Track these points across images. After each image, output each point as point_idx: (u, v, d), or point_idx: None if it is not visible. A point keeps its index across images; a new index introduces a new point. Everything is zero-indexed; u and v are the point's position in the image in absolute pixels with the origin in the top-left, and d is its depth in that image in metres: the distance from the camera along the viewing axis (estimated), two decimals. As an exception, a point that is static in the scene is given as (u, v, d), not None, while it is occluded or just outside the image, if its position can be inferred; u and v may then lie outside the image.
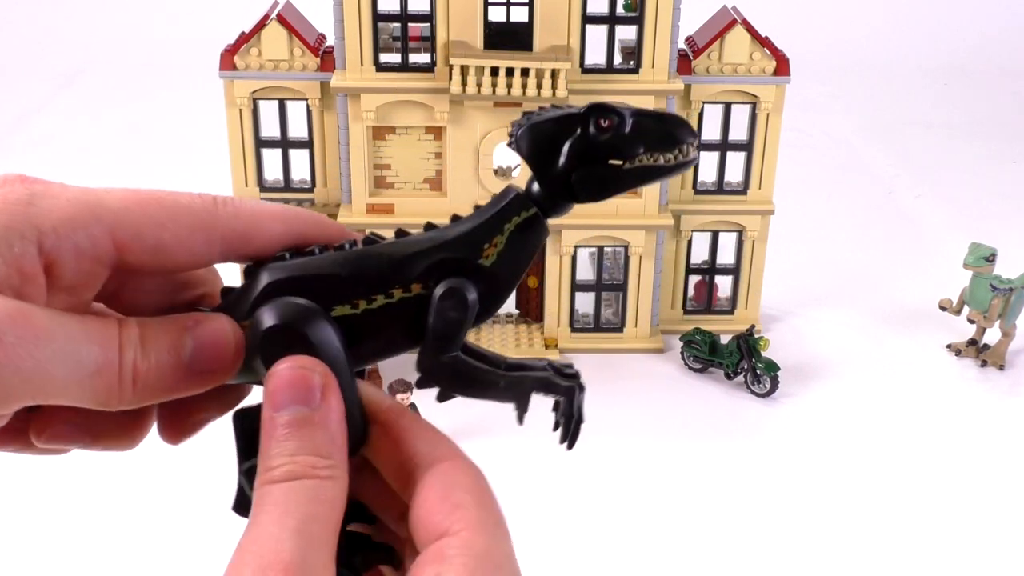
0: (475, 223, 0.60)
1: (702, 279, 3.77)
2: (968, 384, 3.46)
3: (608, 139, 0.58)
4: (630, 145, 0.58)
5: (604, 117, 0.57)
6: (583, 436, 0.61)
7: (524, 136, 0.59)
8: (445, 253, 0.59)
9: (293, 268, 0.59)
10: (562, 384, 0.62)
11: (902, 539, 2.76)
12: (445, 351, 0.58)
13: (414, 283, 0.58)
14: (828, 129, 5.64)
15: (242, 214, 0.60)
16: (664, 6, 3.19)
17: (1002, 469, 3.04)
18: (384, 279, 0.58)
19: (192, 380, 0.56)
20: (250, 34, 3.35)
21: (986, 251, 3.50)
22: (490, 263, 0.59)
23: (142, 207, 0.56)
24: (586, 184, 0.58)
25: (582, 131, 0.58)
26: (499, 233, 0.59)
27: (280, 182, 3.57)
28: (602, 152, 0.58)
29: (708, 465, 3.03)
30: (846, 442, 3.14)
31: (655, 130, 0.58)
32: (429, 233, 0.61)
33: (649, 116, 0.58)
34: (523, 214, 0.59)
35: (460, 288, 0.58)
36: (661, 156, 0.58)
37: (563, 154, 0.58)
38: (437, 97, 3.24)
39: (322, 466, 0.53)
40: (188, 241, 0.58)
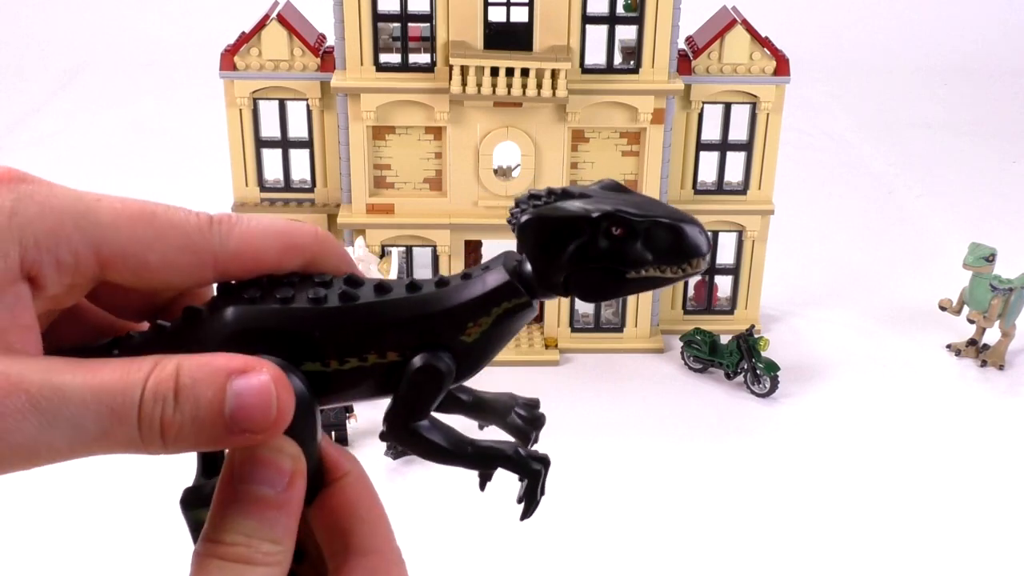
0: (463, 299, 0.57)
1: (702, 279, 3.77)
2: (968, 384, 3.46)
3: (617, 247, 0.55)
4: (639, 256, 0.55)
5: (617, 226, 0.55)
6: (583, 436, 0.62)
7: (529, 225, 0.56)
8: (427, 327, 0.56)
9: (267, 318, 0.56)
10: (531, 467, 0.59)
11: (902, 538, 2.75)
12: (415, 418, 0.56)
13: (390, 351, 0.56)
14: (828, 129, 5.64)
15: (236, 235, 0.56)
16: (664, 6, 3.19)
17: (1002, 469, 3.04)
18: (359, 344, 0.56)
19: (232, 438, 0.52)
20: (250, 34, 3.35)
21: (986, 251, 3.50)
22: (472, 340, 0.57)
23: (131, 225, 0.54)
24: (585, 288, 0.56)
25: (591, 236, 0.55)
26: (486, 315, 0.57)
27: (280, 182, 3.57)
28: (609, 260, 0.55)
29: (708, 465, 3.03)
30: (846, 442, 3.14)
31: (667, 242, 0.55)
32: (413, 298, 0.57)
33: (663, 226, 0.55)
34: (513, 301, 0.57)
35: (437, 364, 0.56)
36: (668, 269, 0.56)
37: (566, 255, 0.55)
38: (437, 97, 3.24)
39: (273, 552, 0.52)
40: (176, 262, 0.55)
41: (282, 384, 0.52)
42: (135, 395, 0.50)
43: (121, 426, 0.50)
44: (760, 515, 2.83)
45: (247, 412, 0.51)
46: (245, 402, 0.51)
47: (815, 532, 2.77)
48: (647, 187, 3.40)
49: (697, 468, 3.02)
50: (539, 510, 0.62)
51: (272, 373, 0.52)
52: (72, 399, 0.49)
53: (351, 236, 3.42)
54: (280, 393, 0.52)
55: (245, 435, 0.51)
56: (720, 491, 2.93)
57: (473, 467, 0.58)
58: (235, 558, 0.51)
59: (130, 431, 0.50)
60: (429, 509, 2.74)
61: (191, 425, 0.50)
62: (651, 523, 2.79)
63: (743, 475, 2.99)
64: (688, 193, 3.59)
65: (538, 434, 0.64)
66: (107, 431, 0.49)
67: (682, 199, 3.58)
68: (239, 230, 0.57)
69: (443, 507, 2.75)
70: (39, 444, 0.48)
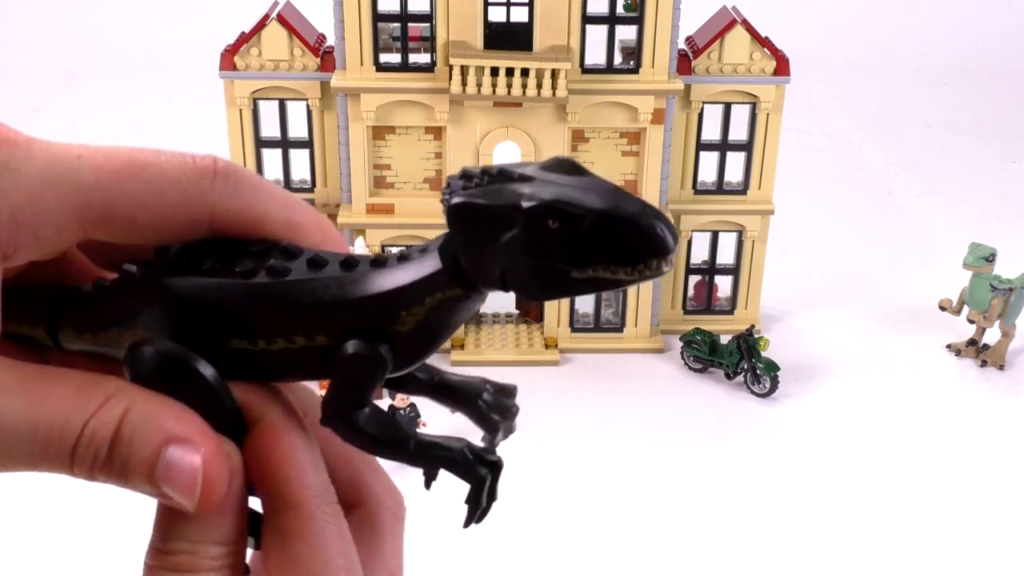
0: (395, 284, 0.51)
1: (702, 279, 3.77)
2: (968, 384, 3.46)
3: (557, 243, 0.47)
4: (583, 253, 0.47)
5: (553, 219, 0.47)
6: (583, 436, 0.60)
7: (455, 213, 0.49)
8: (357, 312, 0.51)
9: (198, 290, 0.52)
10: (476, 472, 0.53)
11: (902, 538, 2.75)
12: (351, 408, 0.51)
13: (319, 335, 0.51)
14: (828, 129, 5.64)
15: (241, 193, 0.52)
16: (664, 6, 3.18)
17: (1002, 469, 3.04)
18: (286, 326, 0.51)
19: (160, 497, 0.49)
20: (250, 34, 3.35)
21: (986, 251, 3.50)
22: (406, 329, 0.51)
23: (117, 182, 0.49)
24: (523, 286, 0.49)
25: (524, 230, 0.47)
26: (418, 304, 0.51)
27: (280, 182, 3.57)
28: (548, 257, 0.47)
29: (708, 465, 3.03)
30: (846, 442, 3.14)
31: (619, 241, 0.47)
32: (343, 278, 0.52)
33: (614, 222, 0.47)
34: (447, 292, 0.51)
35: (369, 353, 0.51)
36: (621, 270, 0.47)
37: (499, 249, 0.48)
38: (437, 97, 3.24)
39: (220, 555, 0.50)
40: (170, 219, 0.51)
41: (214, 465, 0.49)
42: (72, 436, 0.48)
43: (50, 463, 0.48)
44: (760, 515, 2.83)
45: (173, 486, 0.49)
46: (173, 476, 0.48)
47: (815, 532, 2.77)
48: (647, 187, 3.40)
49: (697, 468, 3.02)
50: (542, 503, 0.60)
51: (205, 454, 0.49)
52: (7, 427, 0.47)
53: (351, 236, 3.42)
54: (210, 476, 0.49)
55: (177, 496, 0.49)
56: (720, 491, 2.93)
57: (414, 464, 0.53)
58: (181, 567, 0.50)
59: (58, 466, 0.49)
60: (428, 508, 2.74)
61: (118, 477, 0.49)
62: (651, 523, 2.79)
63: (743, 475, 2.99)
64: (688, 193, 3.59)
65: (510, 426, 0.58)
66: (36, 462, 0.48)
67: (682, 199, 3.58)
68: (245, 188, 0.52)
69: (442, 507, 2.74)
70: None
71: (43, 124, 5.58)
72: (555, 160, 0.51)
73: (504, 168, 0.49)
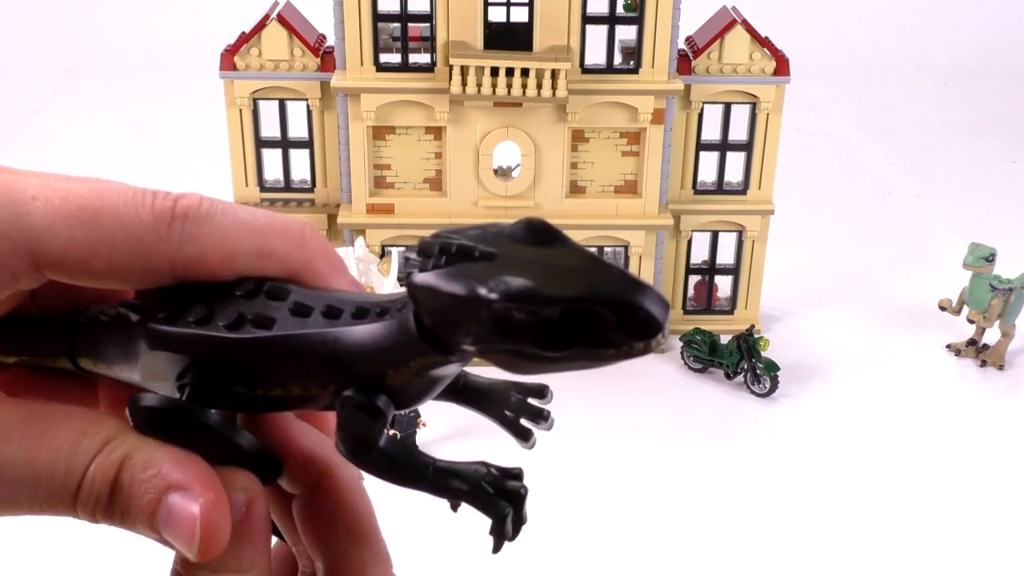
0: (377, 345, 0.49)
1: (702, 279, 3.77)
2: (968, 384, 3.46)
3: (527, 329, 0.44)
4: (557, 340, 0.44)
5: (520, 311, 0.43)
6: (583, 436, 0.60)
7: (418, 293, 0.46)
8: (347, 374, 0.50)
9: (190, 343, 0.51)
10: (496, 508, 0.52)
11: (902, 538, 2.76)
12: (359, 452, 0.50)
13: (314, 388, 0.51)
14: (828, 129, 5.64)
15: (202, 236, 0.50)
16: (664, 6, 3.19)
17: (1001, 469, 3.04)
18: (280, 378, 0.51)
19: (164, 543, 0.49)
20: (250, 34, 3.35)
21: (986, 251, 3.50)
22: (397, 384, 0.50)
23: (69, 228, 0.48)
24: (503, 366, 0.47)
25: (491, 320, 0.44)
26: (404, 366, 0.49)
27: (280, 182, 3.57)
28: (519, 340, 0.44)
29: (708, 465, 3.03)
30: (846, 442, 3.14)
31: (595, 327, 0.44)
32: (326, 334, 0.50)
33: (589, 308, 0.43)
34: (429, 357, 0.48)
35: (365, 401, 0.49)
36: (603, 352, 0.45)
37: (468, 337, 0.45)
38: (437, 97, 3.24)
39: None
40: (125, 267, 0.49)
41: (214, 515, 0.48)
42: (74, 482, 0.48)
43: (54, 508, 0.48)
44: (760, 515, 2.83)
45: (173, 534, 0.48)
46: (173, 524, 0.48)
47: (815, 531, 2.77)
48: (647, 187, 3.40)
49: (697, 468, 3.02)
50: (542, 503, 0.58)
51: (204, 504, 0.48)
52: (9, 474, 0.47)
53: (351, 236, 3.42)
54: (209, 526, 0.48)
55: (178, 543, 0.49)
56: (720, 491, 2.93)
57: (434, 494, 0.53)
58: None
59: (63, 510, 0.49)
60: (428, 508, 2.74)
61: (121, 522, 0.49)
62: (651, 523, 2.79)
63: (743, 475, 2.99)
64: (688, 193, 3.59)
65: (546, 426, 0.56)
66: (41, 507, 0.48)
67: (682, 199, 3.58)
68: (207, 229, 0.50)
69: (442, 506, 2.74)
70: None
71: (43, 124, 5.59)
72: (524, 224, 0.46)
73: (464, 245, 0.45)
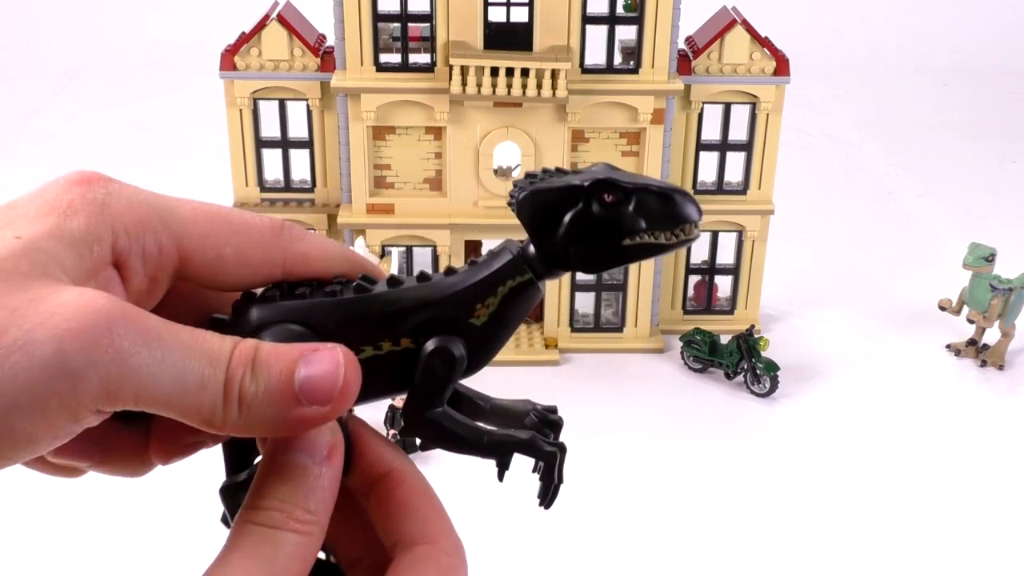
0: (470, 281, 0.59)
1: (702, 279, 3.77)
2: (968, 384, 3.46)
3: (611, 215, 0.57)
4: (632, 222, 0.57)
5: (609, 192, 0.57)
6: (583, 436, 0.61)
7: (526, 201, 0.58)
8: (437, 311, 0.58)
9: (285, 311, 0.58)
10: (545, 449, 0.61)
11: (902, 538, 2.76)
12: (431, 406, 0.58)
13: (404, 338, 0.58)
14: (828, 129, 5.64)
15: (304, 238, 0.60)
16: (664, 6, 3.19)
17: (1001, 469, 3.04)
18: (374, 332, 0.58)
19: (302, 414, 0.53)
20: (250, 34, 3.35)
21: (986, 251, 3.50)
22: (481, 323, 0.58)
23: (210, 220, 0.57)
24: (585, 258, 0.58)
25: (585, 205, 0.57)
26: (492, 295, 0.58)
27: (280, 182, 3.57)
28: (604, 227, 0.57)
29: (708, 465, 3.03)
30: (846, 442, 3.15)
31: (658, 208, 0.57)
32: (422, 285, 0.59)
33: (653, 193, 0.57)
34: (518, 279, 0.59)
35: (449, 347, 0.57)
36: (663, 235, 0.57)
37: (564, 226, 0.57)
38: (437, 97, 3.24)
39: (306, 521, 0.53)
40: (250, 258, 0.58)
41: (350, 361, 0.54)
42: (226, 356, 0.53)
43: (214, 378, 0.52)
44: (760, 515, 2.84)
45: (315, 383, 0.53)
46: (314, 373, 0.53)
47: (815, 532, 2.77)
48: (647, 187, 3.40)
49: (697, 468, 3.02)
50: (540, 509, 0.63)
51: (342, 350, 0.54)
52: (183, 343, 0.52)
53: (351, 236, 3.43)
54: (348, 368, 0.54)
55: (312, 407, 0.53)
56: (720, 491, 2.93)
57: (489, 456, 0.60)
58: (269, 523, 0.53)
59: (218, 388, 0.52)
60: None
61: (264, 395, 0.52)
62: (651, 523, 2.79)
63: (743, 475, 3.00)
64: (688, 193, 3.58)
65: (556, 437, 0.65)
66: (204, 383, 0.52)
67: (682, 199, 3.58)
68: (309, 237, 0.61)
69: (448, 505, 2.74)
70: (147, 377, 0.50)
71: (43, 124, 5.59)
72: (598, 164, 0.60)
73: (560, 167, 0.60)
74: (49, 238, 0.52)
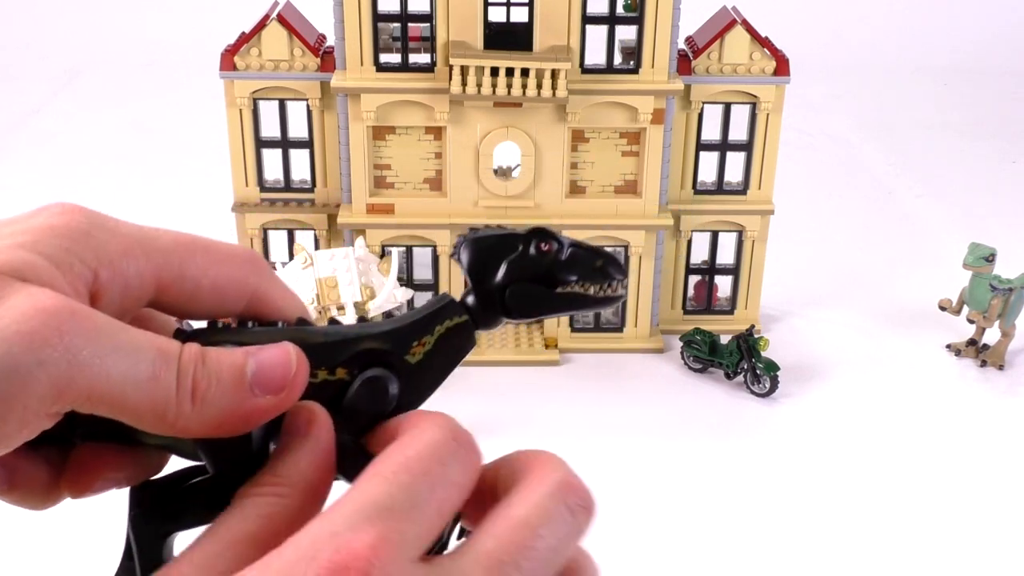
0: (408, 320, 0.61)
1: (702, 279, 3.77)
2: (968, 384, 3.46)
3: (546, 262, 0.60)
4: (565, 272, 0.60)
5: (545, 241, 0.60)
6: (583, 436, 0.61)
7: (466, 249, 0.62)
8: (375, 344, 0.60)
9: (228, 335, 0.60)
10: None
11: (902, 539, 2.76)
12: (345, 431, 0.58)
13: (340, 368, 0.59)
14: (828, 129, 5.64)
15: (273, 277, 0.62)
16: (664, 6, 3.19)
17: (1002, 469, 3.04)
18: (311, 361, 0.58)
19: (256, 404, 0.55)
20: (250, 34, 3.35)
21: (986, 251, 3.50)
22: (416, 360, 0.60)
23: (190, 252, 0.59)
24: (518, 300, 0.61)
25: (522, 251, 0.61)
26: (429, 334, 0.61)
27: (280, 182, 3.57)
28: (538, 273, 0.60)
29: (708, 465, 3.03)
30: (846, 442, 3.15)
31: (590, 262, 0.61)
32: (362, 324, 0.62)
33: (585, 249, 0.61)
34: (455, 319, 0.61)
35: (382, 378, 0.59)
36: (592, 287, 0.61)
37: (501, 270, 0.61)
38: (437, 97, 3.24)
39: (271, 483, 0.54)
40: (224, 289, 0.60)
41: (299, 352, 0.56)
42: (176, 351, 0.53)
43: (166, 371, 0.53)
44: (760, 515, 2.84)
45: (267, 372, 0.55)
46: (265, 363, 0.55)
47: (815, 532, 2.77)
48: (647, 187, 3.40)
49: (697, 468, 3.02)
50: None
51: (289, 343, 0.56)
52: (133, 338, 0.52)
53: (351, 236, 3.42)
54: (298, 357, 0.56)
55: (266, 397, 0.54)
56: (720, 491, 2.93)
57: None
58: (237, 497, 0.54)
59: (171, 380, 0.53)
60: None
61: (216, 386, 0.53)
62: (651, 523, 2.79)
63: (743, 475, 3.00)
64: (688, 193, 3.59)
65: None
66: (157, 373, 0.52)
67: (682, 199, 3.58)
68: (275, 276, 0.63)
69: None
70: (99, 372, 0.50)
71: (43, 124, 5.59)
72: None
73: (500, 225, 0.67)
74: (25, 253, 0.52)
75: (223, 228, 3.70)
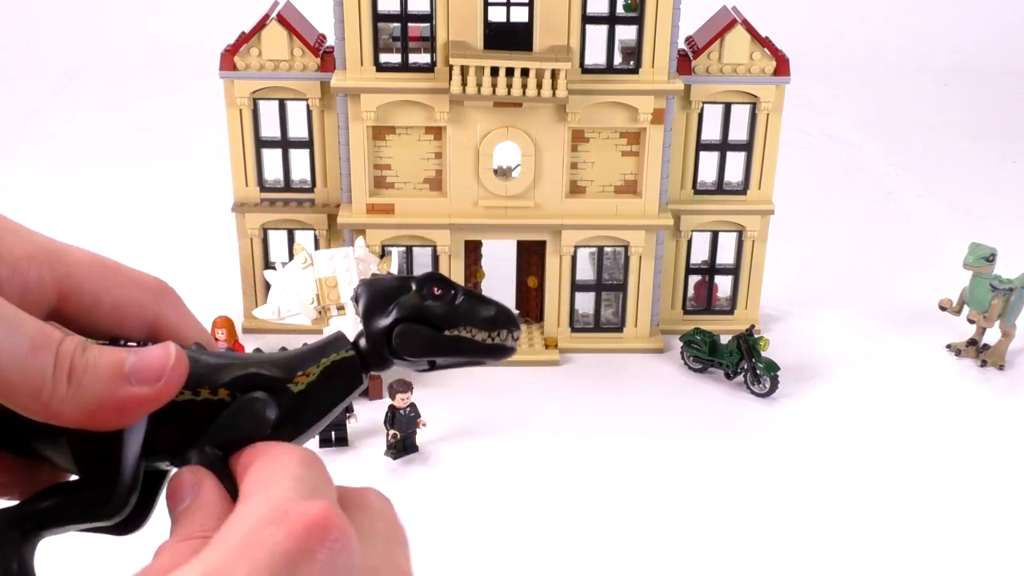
0: (297, 352, 0.62)
1: (702, 279, 3.77)
2: (968, 384, 3.46)
3: (437, 307, 0.61)
4: (455, 316, 0.61)
5: (438, 286, 0.61)
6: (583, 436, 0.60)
7: (363, 292, 0.62)
8: (260, 369, 0.61)
9: None
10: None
11: (902, 537, 2.75)
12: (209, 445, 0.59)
13: (223, 388, 0.60)
14: (828, 129, 5.64)
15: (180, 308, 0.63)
16: (664, 6, 3.18)
17: (1001, 468, 3.04)
18: (197, 379, 0.59)
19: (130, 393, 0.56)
20: (250, 34, 3.35)
21: (986, 251, 3.50)
22: (299, 390, 0.61)
23: (95, 267, 0.60)
24: (404, 339, 0.61)
25: (415, 293, 0.61)
26: (315, 365, 0.62)
27: (280, 182, 3.57)
28: (427, 315, 0.61)
29: (708, 465, 3.03)
30: (846, 442, 3.14)
31: (479, 310, 0.61)
32: (257, 354, 0.63)
33: (478, 298, 0.62)
34: (342, 353, 0.62)
35: (261, 401, 0.60)
36: (480, 333, 0.61)
37: (392, 308, 0.61)
38: (437, 97, 3.24)
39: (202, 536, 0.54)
40: (125, 310, 0.60)
41: (179, 349, 0.57)
42: (59, 336, 0.55)
43: (45, 350, 0.54)
44: (760, 514, 2.83)
45: (145, 363, 0.56)
46: (145, 357, 0.56)
47: (815, 531, 2.77)
48: (647, 187, 3.40)
49: (697, 468, 3.02)
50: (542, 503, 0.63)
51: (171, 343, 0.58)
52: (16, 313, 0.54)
53: (351, 236, 3.42)
54: (177, 353, 0.57)
55: (141, 387, 0.55)
56: (720, 491, 2.93)
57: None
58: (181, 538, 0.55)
59: (49, 356, 0.53)
60: (428, 508, 2.74)
61: (93, 370, 0.55)
62: (651, 522, 2.79)
63: (743, 475, 2.99)
64: (688, 193, 3.59)
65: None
66: (34, 347, 0.53)
67: (682, 199, 3.58)
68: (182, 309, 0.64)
69: (442, 506, 2.75)
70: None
71: (43, 124, 5.59)
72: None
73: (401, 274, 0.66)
74: None
75: (223, 228, 3.70)
